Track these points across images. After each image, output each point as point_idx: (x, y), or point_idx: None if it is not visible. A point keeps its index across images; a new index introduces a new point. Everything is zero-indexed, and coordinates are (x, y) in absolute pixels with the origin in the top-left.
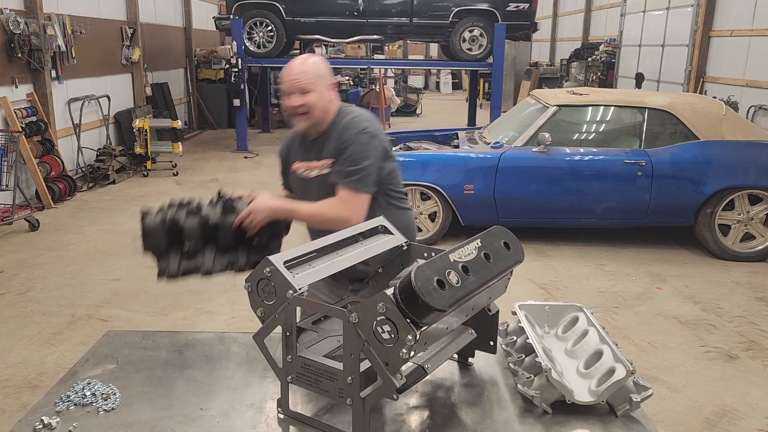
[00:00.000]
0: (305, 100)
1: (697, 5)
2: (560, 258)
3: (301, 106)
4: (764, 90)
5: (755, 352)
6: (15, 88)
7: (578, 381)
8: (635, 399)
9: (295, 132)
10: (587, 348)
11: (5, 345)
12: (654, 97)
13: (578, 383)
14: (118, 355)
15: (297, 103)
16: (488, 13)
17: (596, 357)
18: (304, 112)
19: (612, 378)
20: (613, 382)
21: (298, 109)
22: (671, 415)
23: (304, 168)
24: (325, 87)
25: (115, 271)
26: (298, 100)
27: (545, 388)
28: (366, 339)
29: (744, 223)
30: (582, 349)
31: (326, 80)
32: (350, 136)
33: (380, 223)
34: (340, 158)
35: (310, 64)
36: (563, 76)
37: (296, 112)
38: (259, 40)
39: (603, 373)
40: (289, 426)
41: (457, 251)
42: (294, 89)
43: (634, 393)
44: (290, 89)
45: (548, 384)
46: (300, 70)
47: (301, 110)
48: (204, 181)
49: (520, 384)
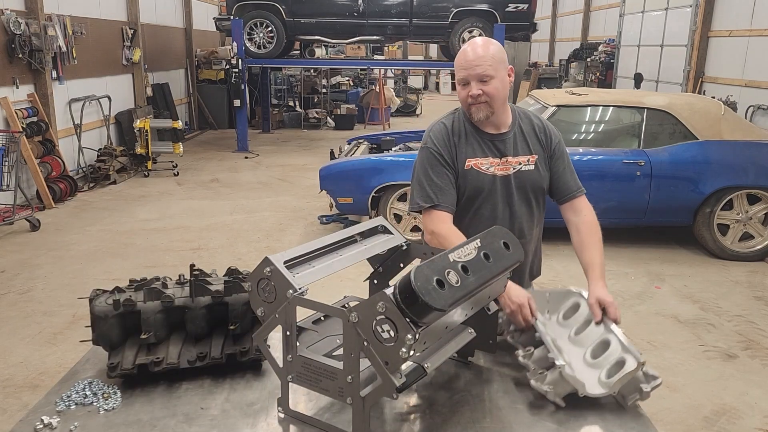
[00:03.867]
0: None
1: (696, 5)
2: (559, 258)
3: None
4: (763, 90)
5: (754, 351)
6: (16, 89)
7: (586, 371)
8: (645, 389)
9: (452, 125)
10: (592, 336)
11: (6, 345)
12: (653, 97)
13: (587, 374)
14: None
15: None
16: (487, 13)
17: (603, 346)
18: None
19: (623, 370)
20: (624, 374)
21: (479, 98)
22: (670, 414)
23: (496, 165)
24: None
25: (116, 271)
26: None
27: (558, 382)
28: (366, 338)
29: (743, 223)
30: (587, 338)
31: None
32: (552, 131)
33: (380, 223)
34: (555, 154)
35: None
36: (562, 76)
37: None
38: (259, 40)
39: (612, 363)
40: (290, 425)
41: (456, 251)
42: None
43: (644, 383)
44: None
45: (561, 378)
46: (482, 53)
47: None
48: (204, 181)
49: (533, 379)
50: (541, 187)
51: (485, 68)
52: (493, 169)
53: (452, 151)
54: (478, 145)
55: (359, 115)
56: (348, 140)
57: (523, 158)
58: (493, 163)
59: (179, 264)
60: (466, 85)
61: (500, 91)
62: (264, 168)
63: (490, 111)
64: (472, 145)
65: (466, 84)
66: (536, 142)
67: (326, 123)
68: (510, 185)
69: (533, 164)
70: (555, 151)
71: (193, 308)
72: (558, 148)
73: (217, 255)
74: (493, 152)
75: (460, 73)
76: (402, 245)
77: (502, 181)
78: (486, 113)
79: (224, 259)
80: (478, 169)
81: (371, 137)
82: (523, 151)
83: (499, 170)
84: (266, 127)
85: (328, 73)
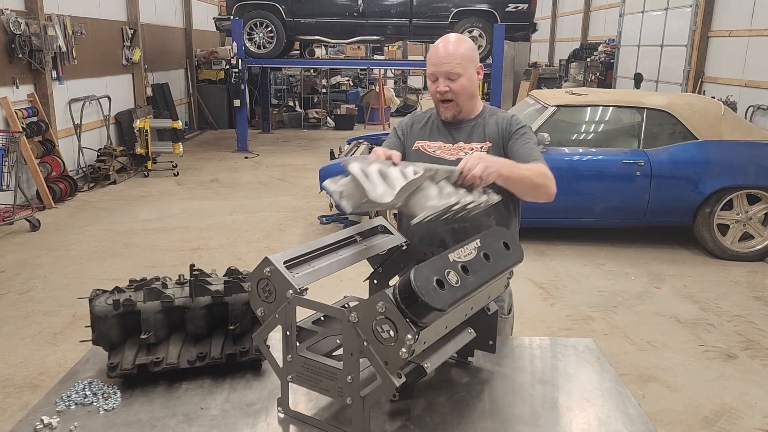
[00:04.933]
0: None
1: (696, 5)
2: (559, 258)
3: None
4: (763, 90)
5: (754, 351)
6: (16, 89)
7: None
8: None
9: (422, 116)
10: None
11: (6, 345)
12: (653, 97)
13: (383, 187)
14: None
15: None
16: (487, 13)
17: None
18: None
19: (410, 180)
20: (408, 182)
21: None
22: (670, 414)
23: (445, 149)
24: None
25: (116, 270)
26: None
27: (348, 185)
28: (366, 338)
29: (742, 223)
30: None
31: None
32: (516, 120)
33: (380, 223)
34: (513, 137)
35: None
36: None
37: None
38: (259, 40)
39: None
40: (289, 425)
41: (456, 251)
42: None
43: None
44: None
45: (351, 182)
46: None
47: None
48: (204, 181)
49: (330, 180)
50: None
51: (453, 66)
52: (440, 152)
53: (406, 131)
54: (433, 130)
55: (359, 115)
56: (348, 140)
57: (476, 144)
58: (441, 147)
59: (179, 264)
60: (435, 81)
61: (467, 89)
62: (264, 168)
63: (457, 110)
64: (427, 130)
65: (435, 80)
66: (494, 131)
67: (326, 123)
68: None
69: (485, 151)
70: (514, 134)
71: (193, 308)
72: (518, 132)
73: (216, 255)
74: (446, 137)
75: (429, 69)
76: (402, 245)
77: (448, 164)
78: (453, 113)
79: (224, 259)
80: (424, 150)
81: (371, 137)
82: (478, 138)
83: (448, 154)
84: (266, 127)
85: (328, 73)
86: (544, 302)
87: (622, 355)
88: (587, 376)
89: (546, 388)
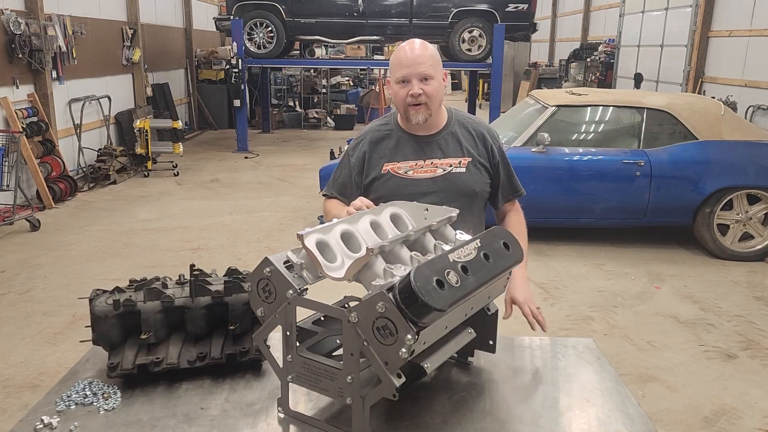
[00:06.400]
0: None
1: (696, 5)
2: (559, 257)
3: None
4: (763, 90)
5: (754, 351)
6: (16, 89)
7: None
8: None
9: (379, 130)
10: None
11: (6, 345)
12: (653, 98)
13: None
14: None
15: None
16: (487, 13)
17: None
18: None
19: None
20: (356, 258)
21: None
22: (670, 414)
23: (417, 168)
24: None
25: (116, 270)
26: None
27: (306, 258)
28: (365, 338)
29: (742, 223)
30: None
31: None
32: (494, 135)
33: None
34: (500, 161)
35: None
36: (562, 76)
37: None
38: (259, 40)
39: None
40: (289, 425)
41: (456, 251)
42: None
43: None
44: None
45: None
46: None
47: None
48: (204, 182)
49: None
50: (473, 190)
51: (427, 67)
52: (412, 173)
53: (366, 154)
54: (399, 146)
55: (359, 115)
56: (348, 140)
57: (454, 160)
58: (412, 167)
59: (179, 264)
60: (407, 84)
61: (439, 92)
62: (264, 168)
63: (429, 113)
64: (392, 148)
65: (406, 82)
66: (472, 144)
67: (326, 123)
68: (435, 188)
69: (464, 167)
70: (499, 155)
71: (193, 308)
72: (501, 153)
73: (216, 255)
74: (416, 153)
75: (400, 71)
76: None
77: (424, 184)
78: (425, 116)
79: (224, 259)
80: (394, 173)
81: None
82: (454, 153)
83: (422, 173)
84: (266, 127)
85: (328, 73)
86: (544, 302)
87: (622, 355)
88: (587, 376)
89: (546, 388)
